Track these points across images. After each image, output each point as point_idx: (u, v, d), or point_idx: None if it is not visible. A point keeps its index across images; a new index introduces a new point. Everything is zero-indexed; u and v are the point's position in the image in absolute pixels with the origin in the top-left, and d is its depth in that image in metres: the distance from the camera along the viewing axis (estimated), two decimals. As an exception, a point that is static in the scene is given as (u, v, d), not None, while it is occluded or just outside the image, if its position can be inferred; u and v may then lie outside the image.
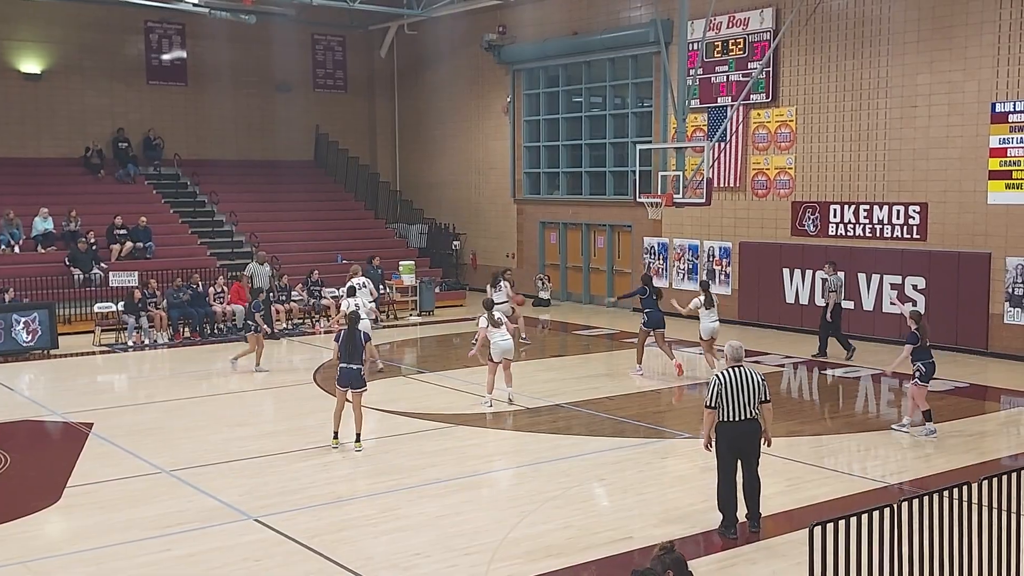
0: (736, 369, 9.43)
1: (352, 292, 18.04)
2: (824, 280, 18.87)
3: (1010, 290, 18.27)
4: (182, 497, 10.88)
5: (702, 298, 17.01)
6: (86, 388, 17.41)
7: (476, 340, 15.27)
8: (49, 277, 22.93)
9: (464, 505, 10.50)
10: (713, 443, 9.60)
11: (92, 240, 23.98)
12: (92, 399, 16.15)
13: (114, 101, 28.81)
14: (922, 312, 13.57)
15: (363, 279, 19.33)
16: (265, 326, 18.41)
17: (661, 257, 24.56)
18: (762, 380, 9.51)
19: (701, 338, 17.26)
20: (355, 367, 12.74)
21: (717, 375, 9.49)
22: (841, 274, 18.96)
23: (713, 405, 9.39)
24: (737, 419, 9.34)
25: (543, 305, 26.72)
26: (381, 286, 24.21)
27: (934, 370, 13.06)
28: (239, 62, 30.18)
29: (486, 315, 14.94)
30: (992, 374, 17.17)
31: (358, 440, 12.71)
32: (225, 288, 22.81)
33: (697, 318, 17.17)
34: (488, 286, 19.58)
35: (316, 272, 23.96)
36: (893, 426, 13.44)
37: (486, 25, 28.33)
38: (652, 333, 17.21)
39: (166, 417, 14.88)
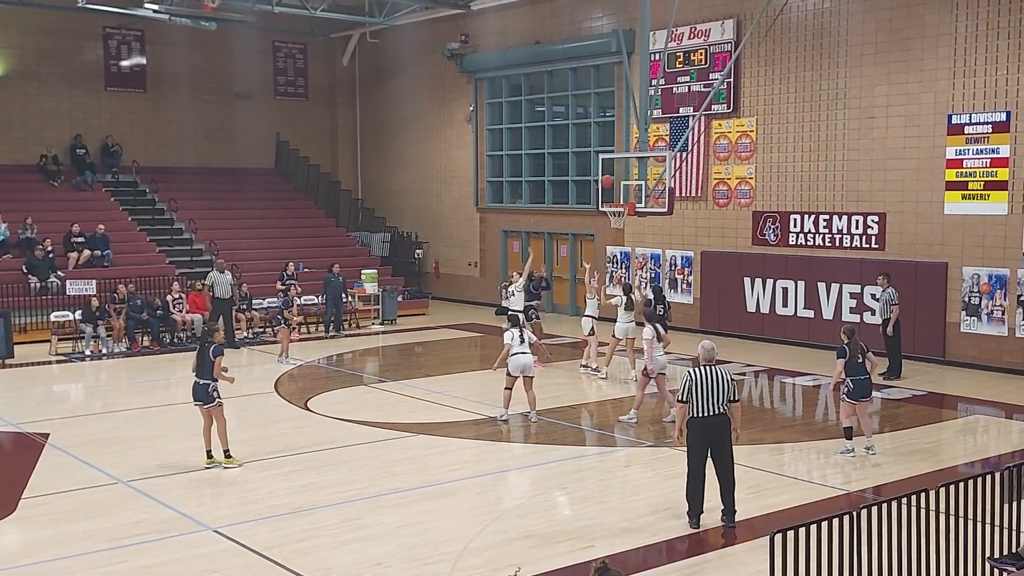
0: (707, 367, 10.01)
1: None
2: (887, 293, 17.64)
3: (966, 299, 18.52)
4: (139, 508, 10.73)
5: (623, 299, 17.39)
6: (42, 398, 17.15)
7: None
8: (4, 285, 22.55)
9: (425, 515, 10.45)
10: (685, 437, 10.11)
11: (49, 248, 23.66)
12: (48, 409, 15.91)
13: (71, 107, 28.46)
14: (854, 328, 12.96)
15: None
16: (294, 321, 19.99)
17: (624, 266, 24.67)
18: (732, 380, 10.06)
19: (614, 335, 17.62)
20: (202, 382, 12.32)
21: (689, 372, 10.01)
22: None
23: (685, 399, 9.94)
24: (707, 414, 9.86)
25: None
26: (344, 295, 24.08)
27: (866, 388, 12.55)
28: (199, 69, 29.95)
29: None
30: (949, 382, 17.37)
31: (227, 456, 12.27)
32: (182, 295, 22.55)
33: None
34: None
35: (291, 265, 23.90)
36: (837, 452, 12.75)
37: (448, 34, 28.33)
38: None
39: (124, 427, 14.70)
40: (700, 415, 9.85)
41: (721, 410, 9.89)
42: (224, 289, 21.35)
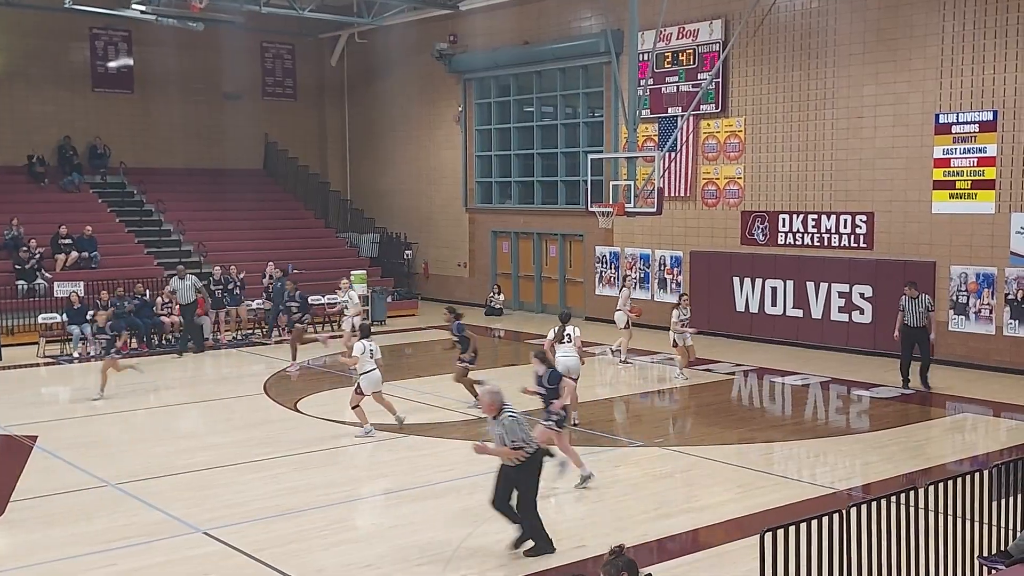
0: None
1: None
2: (919, 300, 16.60)
3: (954, 298, 18.57)
4: (128, 511, 10.69)
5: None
6: (30, 400, 17.06)
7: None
8: (-8, 287, 22.50)
9: (416, 516, 10.43)
10: (531, 478, 9.32)
11: (38, 249, 23.53)
12: (36, 411, 15.84)
13: (59, 108, 28.35)
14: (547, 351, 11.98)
15: None
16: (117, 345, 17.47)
17: (613, 266, 24.69)
18: None
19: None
20: None
21: (516, 417, 9.22)
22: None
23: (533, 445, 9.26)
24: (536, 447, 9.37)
25: (495, 315, 26.73)
26: (284, 297, 21.69)
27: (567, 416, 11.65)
28: (187, 70, 29.85)
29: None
30: (937, 380, 17.38)
31: None
32: (172, 298, 22.45)
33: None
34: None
35: (269, 266, 23.74)
36: (578, 486, 11.35)
37: (437, 34, 28.31)
38: None
39: (112, 429, 14.66)
40: (535, 451, 9.33)
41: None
42: (186, 295, 21.14)
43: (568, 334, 14.21)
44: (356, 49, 31.67)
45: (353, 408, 14.00)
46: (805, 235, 20.83)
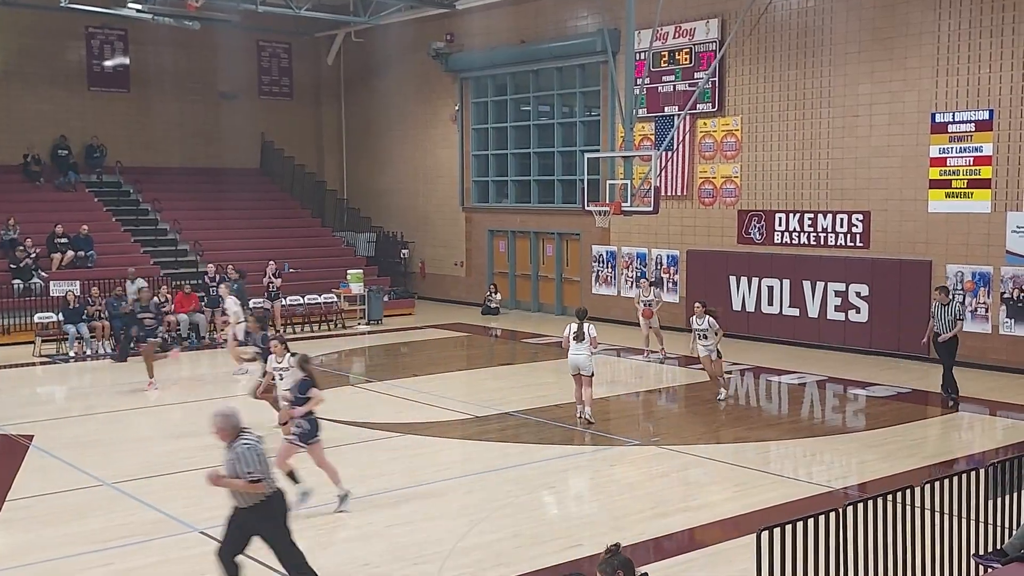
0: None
1: None
2: (951, 308, 15.63)
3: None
4: (124, 510, 10.69)
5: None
6: (26, 399, 17.04)
7: None
8: (-13, 286, 22.46)
9: (413, 515, 10.43)
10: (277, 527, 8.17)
11: (34, 249, 23.48)
12: (33, 411, 15.81)
13: (55, 107, 28.30)
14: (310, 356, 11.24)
15: None
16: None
17: (610, 265, 24.70)
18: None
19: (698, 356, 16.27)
20: None
21: (254, 445, 8.04)
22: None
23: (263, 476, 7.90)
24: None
25: (492, 314, 26.73)
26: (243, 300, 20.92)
27: (319, 427, 10.78)
28: (183, 69, 29.83)
29: None
30: (934, 379, 17.36)
31: None
32: (169, 296, 22.45)
33: None
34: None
35: (272, 264, 23.71)
36: (337, 510, 10.60)
37: (433, 33, 28.30)
38: None
39: (108, 429, 14.64)
40: (275, 490, 8.12)
41: None
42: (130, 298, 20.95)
43: (584, 331, 13.99)
44: (352, 48, 31.66)
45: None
46: (801, 234, 20.84)
